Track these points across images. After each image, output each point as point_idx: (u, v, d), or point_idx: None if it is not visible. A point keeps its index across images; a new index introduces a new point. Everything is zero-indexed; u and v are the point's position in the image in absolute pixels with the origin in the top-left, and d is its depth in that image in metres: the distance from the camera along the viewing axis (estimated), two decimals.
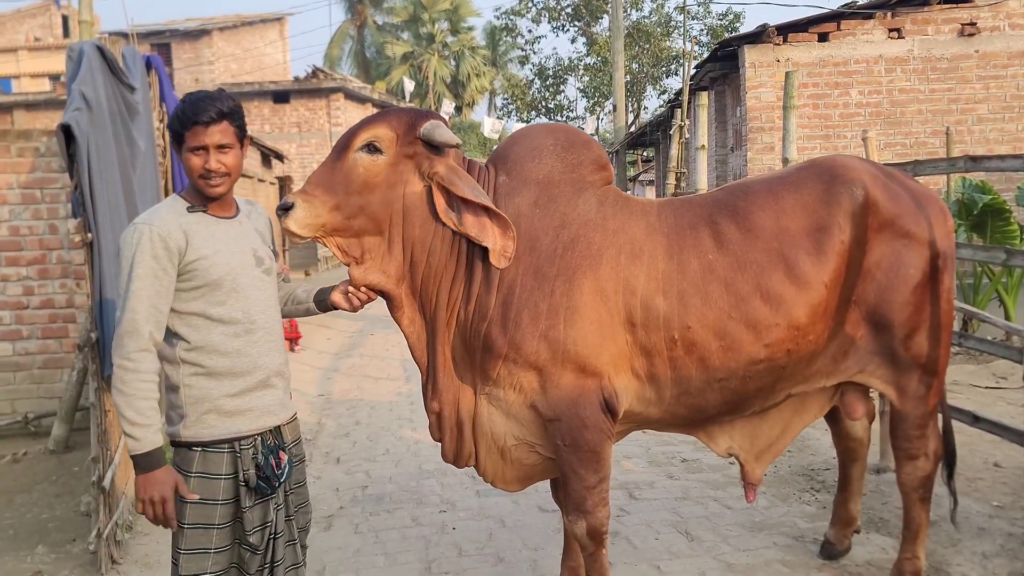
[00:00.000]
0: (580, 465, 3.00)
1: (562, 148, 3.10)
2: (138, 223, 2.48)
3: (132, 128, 4.95)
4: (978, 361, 7.97)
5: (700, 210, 3.16)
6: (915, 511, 3.57)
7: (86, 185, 3.93)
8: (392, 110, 2.97)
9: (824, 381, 3.34)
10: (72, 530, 4.57)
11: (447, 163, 2.93)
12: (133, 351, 2.41)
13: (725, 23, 30.02)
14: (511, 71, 44.49)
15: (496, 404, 3.07)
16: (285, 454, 2.65)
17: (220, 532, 2.54)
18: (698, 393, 3.10)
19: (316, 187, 2.85)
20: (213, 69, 26.21)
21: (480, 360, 3.00)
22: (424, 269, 2.96)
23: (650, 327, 3.00)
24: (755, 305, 3.02)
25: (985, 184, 8.57)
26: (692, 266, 3.03)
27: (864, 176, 3.24)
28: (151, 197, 5.32)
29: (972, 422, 4.50)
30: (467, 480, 5.27)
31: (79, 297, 6.33)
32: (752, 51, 9.71)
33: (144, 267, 2.43)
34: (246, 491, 2.53)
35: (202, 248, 2.50)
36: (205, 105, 2.47)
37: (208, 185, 2.51)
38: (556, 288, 2.94)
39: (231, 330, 2.54)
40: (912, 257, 3.21)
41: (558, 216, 3.01)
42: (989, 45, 9.61)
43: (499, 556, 4.14)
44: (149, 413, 2.41)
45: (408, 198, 2.91)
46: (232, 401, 2.54)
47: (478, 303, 2.96)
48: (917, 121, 9.68)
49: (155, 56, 6.21)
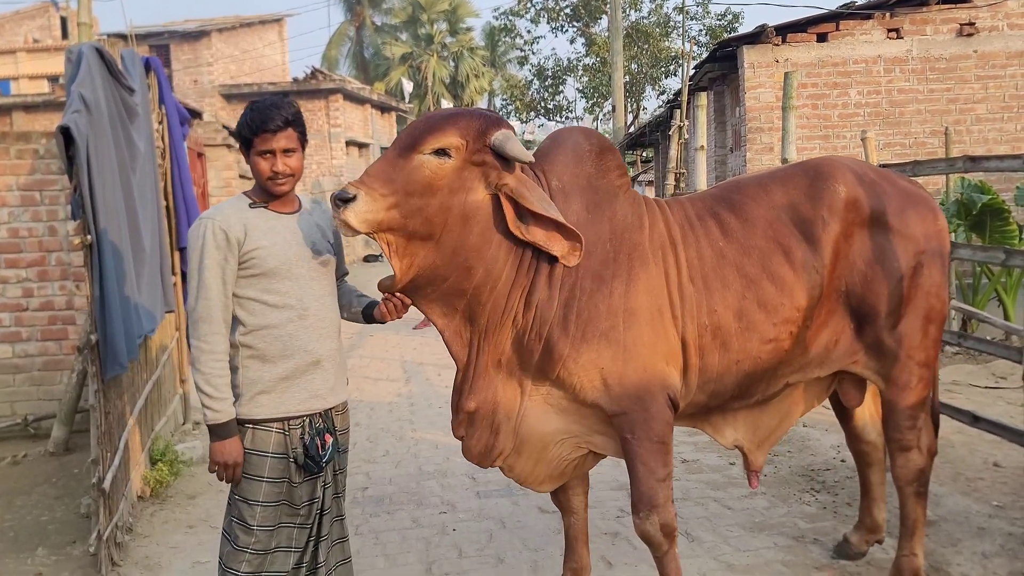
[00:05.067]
0: (650, 456, 3.04)
1: (596, 153, 3.16)
2: (203, 218, 2.75)
3: (131, 130, 4.95)
4: (977, 361, 7.97)
5: (702, 204, 3.36)
6: (911, 506, 3.61)
7: (85, 187, 3.93)
8: (462, 113, 2.89)
9: (818, 371, 3.46)
10: (72, 532, 4.57)
11: (516, 175, 2.90)
12: (208, 334, 2.69)
13: (724, 24, 30.03)
14: (510, 72, 44.45)
15: (551, 402, 3.11)
16: (331, 436, 2.87)
17: (265, 510, 2.76)
18: (718, 378, 3.21)
19: (376, 181, 2.76)
20: (212, 70, 26.17)
21: (539, 361, 3.02)
22: (479, 276, 2.91)
23: (685, 315, 3.11)
24: (764, 286, 3.19)
25: (984, 184, 8.57)
26: (707, 253, 3.19)
27: (848, 174, 3.40)
28: (150, 199, 5.32)
29: (972, 422, 4.51)
30: (467, 481, 5.28)
31: (78, 299, 6.33)
32: (751, 51, 9.71)
33: (210, 258, 2.69)
34: (295, 468, 2.79)
35: (260, 240, 2.74)
36: (272, 113, 2.71)
37: (275, 185, 2.76)
38: (614, 290, 3.02)
39: (284, 315, 2.76)
40: (896, 251, 3.35)
41: (606, 220, 3.08)
42: (987, 45, 9.61)
43: (499, 557, 4.14)
44: (224, 388, 2.71)
45: (468, 206, 2.85)
46: (282, 383, 2.77)
47: (539, 308, 2.98)
48: (916, 121, 9.69)
49: (154, 58, 6.22)
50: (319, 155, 23.55)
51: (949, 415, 4.70)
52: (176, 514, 4.87)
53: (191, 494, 5.19)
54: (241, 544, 2.76)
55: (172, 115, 6.31)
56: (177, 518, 4.82)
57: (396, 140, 2.87)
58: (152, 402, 5.53)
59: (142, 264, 4.78)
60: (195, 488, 5.28)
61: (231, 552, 2.78)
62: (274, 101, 2.76)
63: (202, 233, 2.70)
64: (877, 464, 3.95)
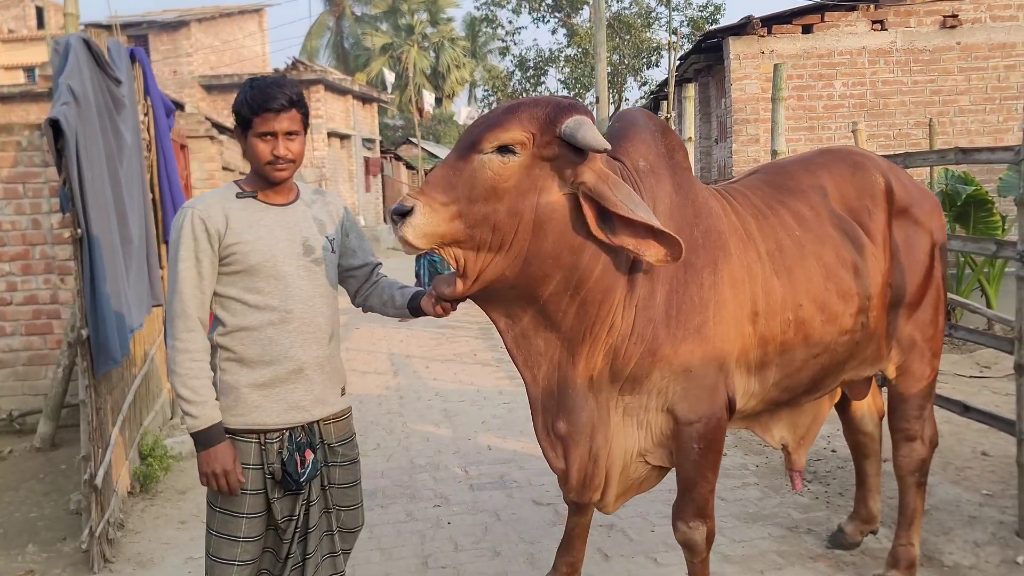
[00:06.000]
0: (709, 468, 2.84)
1: (662, 132, 2.90)
2: (184, 206, 2.54)
3: (119, 122, 4.88)
4: (961, 351, 8.05)
5: (762, 193, 3.18)
6: (910, 496, 3.62)
7: (75, 180, 3.87)
8: (525, 103, 2.54)
9: (869, 369, 3.41)
10: (62, 529, 4.53)
11: (595, 169, 2.53)
12: (182, 331, 2.48)
13: (706, 15, 30.04)
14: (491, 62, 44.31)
15: (632, 414, 2.81)
16: (313, 452, 2.61)
17: (250, 521, 2.56)
18: (795, 373, 3.06)
19: (435, 189, 2.45)
20: (191, 61, 25.91)
21: (636, 368, 2.72)
22: (556, 283, 2.59)
23: (771, 312, 2.92)
24: (841, 275, 3.09)
25: (967, 175, 8.64)
26: (786, 244, 3.02)
27: (879, 164, 3.42)
28: (137, 191, 5.26)
29: (962, 411, 4.54)
30: (459, 474, 5.27)
31: (63, 293, 6.26)
32: (737, 43, 9.73)
33: (186, 249, 2.48)
34: (272, 483, 2.57)
35: (242, 233, 2.52)
36: (275, 92, 2.48)
37: (275, 170, 2.54)
38: (704, 280, 2.77)
39: (264, 317, 2.54)
40: (921, 243, 3.36)
41: (690, 204, 2.82)
42: (970, 37, 9.67)
43: (495, 550, 4.13)
44: (203, 391, 2.48)
45: (542, 209, 2.50)
46: (258, 391, 2.55)
47: (640, 308, 2.68)
48: (900, 112, 9.74)
49: (139, 49, 6.13)
50: None
51: (939, 405, 4.72)
52: (167, 509, 4.83)
53: (181, 489, 5.15)
54: (225, 557, 2.56)
55: (158, 106, 6.24)
56: (168, 513, 4.78)
57: (457, 142, 2.59)
58: (140, 397, 5.48)
59: (130, 257, 4.73)
60: (185, 483, 5.23)
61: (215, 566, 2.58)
62: (276, 79, 2.55)
63: (181, 223, 2.50)
64: (874, 455, 3.97)
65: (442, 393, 7.54)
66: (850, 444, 4.03)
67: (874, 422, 3.95)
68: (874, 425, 3.95)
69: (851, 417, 3.93)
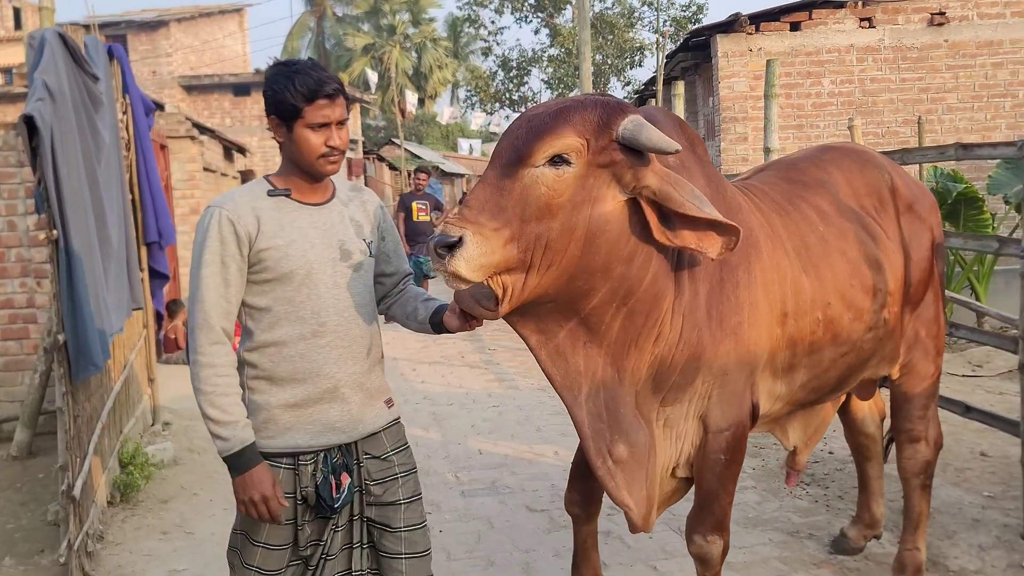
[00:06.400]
0: (730, 479, 2.70)
1: (682, 128, 2.72)
2: (211, 205, 2.30)
3: (96, 120, 4.73)
4: (952, 349, 8.00)
5: (779, 188, 3.08)
6: (916, 499, 3.54)
7: (50, 179, 3.72)
8: (574, 105, 2.29)
9: (887, 367, 3.33)
10: (40, 540, 4.37)
11: (656, 171, 2.32)
12: (205, 344, 2.24)
13: (688, 15, 30.04)
14: (474, 63, 44.21)
15: (672, 426, 2.64)
16: (349, 476, 2.38)
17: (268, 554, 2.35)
18: (823, 374, 2.96)
19: (482, 214, 2.17)
20: (171, 61, 25.64)
21: (680, 374, 2.56)
22: (601, 296, 2.38)
23: (800, 312, 2.79)
24: (864, 271, 3.00)
25: (957, 173, 8.60)
26: (811, 240, 2.91)
27: (884, 161, 3.39)
28: (116, 192, 5.11)
29: (964, 412, 4.47)
30: (450, 480, 5.14)
31: (40, 297, 6.08)
32: (725, 40, 9.66)
33: (211, 252, 2.25)
34: (304, 507, 2.35)
35: (274, 237, 2.28)
36: (323, 77, 2.26)
37: (328, 163, 2.31)
38: (740, 279, 2.62)
39: (295, 331, 2.31)
40: (924, 239, 3.32)
41: (722, 198, 2.64)
42: (958, 34, 9.65)
43: (490, 559, 4.01)
44: (232, 409, 2.24)
45: (595, 221, 2.27)
46: (291, 411, 2.33)
47: (687, 313, 2.52)
48: (889, 110, 9.70)
49: (116, 45, 5.98)
50: None
51: (941, 406, 4.65)
52: (148, 520, 4.68)
53: (163, 498, 4.99)
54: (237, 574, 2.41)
55: (136, 105, 6.09)
56: (150, 524, 4.63)
57: (496, 155, 2.31)
58: (120, 403, 5.33)
59: (109, 259, 4.58)
60: (167, 492, 5.08)
61: None
62: (311, 63, 2.31)
63: (206, 224, 2.26)
64: (876, 458, 3.89)
65: (430, 396, 7.42)
66: (851, 447, 3.96)
67: (875, 424, 3.88)
68: (875, 427, 3.89)
69: (852, 419, 3.87)
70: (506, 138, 2.30)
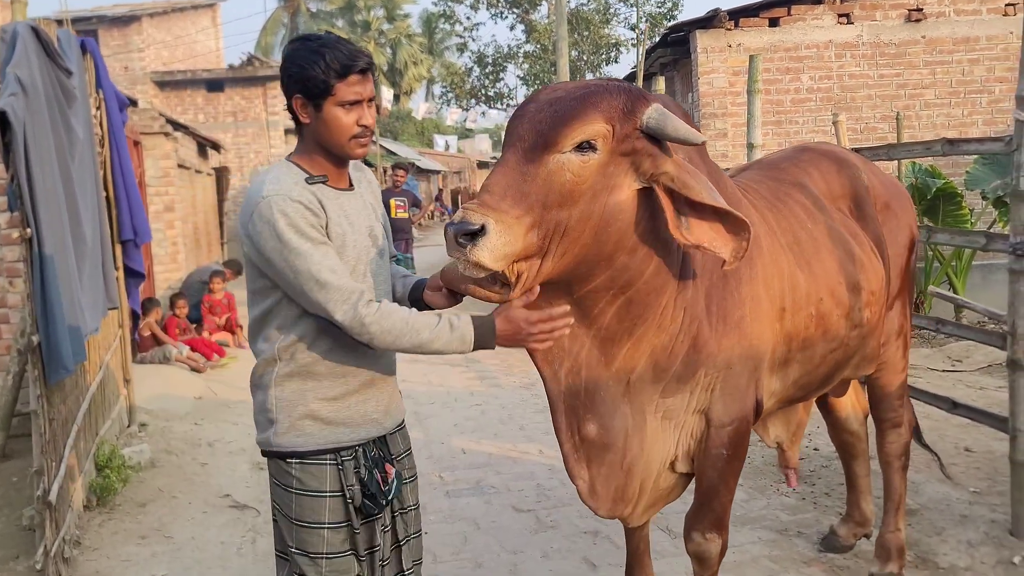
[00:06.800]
0: (732, 475, 2.67)
1: (687, 117, 2.56)
2: (269, 196, 2.10)
3: (70, 115, 4.62)
4: (931, 344, 8.04)
5: (767, 187, 3.07)
6: (896, 481, 3.67)
7: (23, 176, 3.62)
8: (597, 90, 2.21)
9: (868, 366, 3.35)
10: (14, 546, 4.25)
11: (675, 160, 2.27)
12: (366, 315, 2.08)
13: (664, 11, 30.08)
14: (449, 59, 44.06)
15: (671, 418, 2.60)
16: (393, 467, 2.31)
17: (332, 563, 2.23)
18: (814, 370, 2.95)
19: (505, 201, 2.08)
20: (143, 56, 25.29)
21: (680, 368, 2.52)
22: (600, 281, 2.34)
23: (796, 307, 2.76)
24: (850, 268, 3.02)
25: (935, 169, 8.65)
26: (801, 236, 2.90)
27: (859, 161, 3.46)
28: (90, 189, 4.99)
29: (951, 408, 4.46)
30: (434, 480, 5.08)
31: (12, 296, 5.94)
32: (704, 36, 9.64)
33: (295, 234, 2.08)
34: (353, 510, 2.23)
35: (335, 226, 2.16)
36: (355, 51, 2.12)
37: (358, 145, 2.18)
38: (741, 274, 2.58)
39: None
40: (901, 237, 3.41)
41: (724, 192, 2.54)
42: (935, 31, 9.68)
43: (476, 561, 3.96)
44: (431, 319, 2.11)
45: (609, 209, 2.21)
46: (330, 405, 2.22)
47: (689, 306, 2.49)
48: (867, 106, 9.72)
49: (90, 40, 5.85)
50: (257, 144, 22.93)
51: (927, 402, 4.66)
52: (126, 524, 4.58)
53: (141, 502, 4.89)
54: None
55: (110, 100, 5.96)
56: (128, 528, 4.53)
57: (513, 138, 2.21)
58: (96, 404, 5.22)
59: (83, 258, 4.47)
60: (145, 495, 4.98)
61: None
62: (336, 37, 2.17)
63: (271, 215, 2.08)
64: (862, 455, 3.89)
65: (411, 395, 7.33)
66: (837, 445, 3.97)
67: (859, 421, 3.90)
68: (859, 424, 3.91)
69: (836, 418, 3.88)
70: (526, 122, 2.20)
